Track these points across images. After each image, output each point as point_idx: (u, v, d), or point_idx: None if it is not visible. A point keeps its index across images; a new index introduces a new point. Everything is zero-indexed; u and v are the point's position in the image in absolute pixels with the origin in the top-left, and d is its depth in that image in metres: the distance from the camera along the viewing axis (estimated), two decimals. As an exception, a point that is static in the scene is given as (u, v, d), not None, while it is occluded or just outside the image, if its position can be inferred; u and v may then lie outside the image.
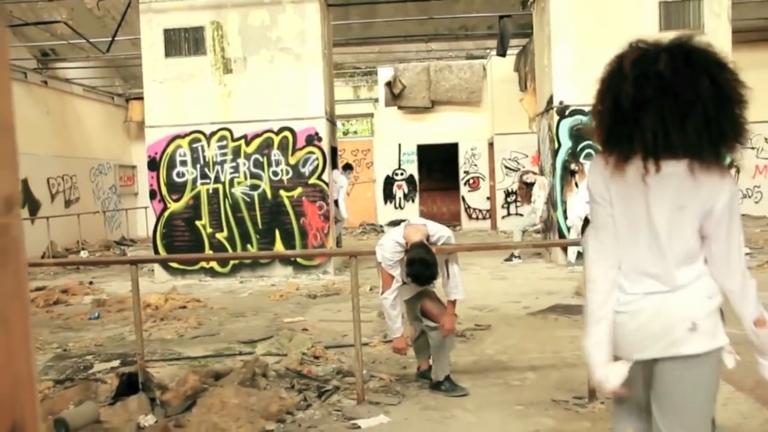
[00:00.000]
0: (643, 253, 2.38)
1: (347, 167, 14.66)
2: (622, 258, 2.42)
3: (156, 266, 11.68)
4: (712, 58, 2.26)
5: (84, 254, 15.31)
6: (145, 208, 17.65)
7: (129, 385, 4.64)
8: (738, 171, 16.70)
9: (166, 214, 11.61)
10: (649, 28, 11.13)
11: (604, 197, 2.40)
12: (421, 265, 4.53)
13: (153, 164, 11.64)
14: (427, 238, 4.76)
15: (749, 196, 18.47)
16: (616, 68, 2.31)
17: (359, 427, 4.33)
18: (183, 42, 11.50)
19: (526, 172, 12.68)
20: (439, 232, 4.86)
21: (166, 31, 11.51)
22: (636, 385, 2.44)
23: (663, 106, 2.23)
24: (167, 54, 11.53)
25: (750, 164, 18.32)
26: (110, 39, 13.59)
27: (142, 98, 14.40)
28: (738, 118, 2.25)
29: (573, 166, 11.24)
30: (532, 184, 12.23)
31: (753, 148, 18.47)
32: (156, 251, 11.60)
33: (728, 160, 2.32)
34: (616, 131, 2.33)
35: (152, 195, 11.72)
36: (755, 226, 15.73)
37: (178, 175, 11.60)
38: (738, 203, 2.31)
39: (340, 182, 13.06)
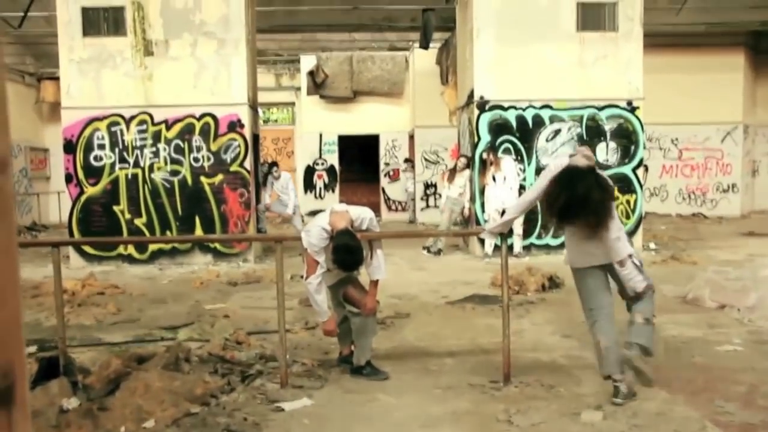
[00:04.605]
0: None
1: (273, 165, 13.43)
2: None
3: (71, 252, 11.33)
4: (575, 170, 4.36)
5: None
6: (59, 192, 17.08)
7: (48, 370, 4.55)
8: (646, 170, 17.32)
9: (83, 198, 11.27)
10: (567, 28, 11.54)
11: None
12: (346, 251, 4.65)
13: (69, 147, 11.27)
14: (351, 223, 4.87)
15: (656, 195, 19.29)
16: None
17: (283, 409, 4.40)
18: (102, 21, 11.15)
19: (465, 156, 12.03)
20: (361, 215, 5.00)
21: (84, 10, 11.14)
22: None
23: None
24: (85, 33, 11.17)
25: (657, 164, 19.15)
26: (22, 14, 13.09)
27: (55, 78, 13.94)
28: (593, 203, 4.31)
29: (484, 155, 11.41)
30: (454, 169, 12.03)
31: (660, 149, 19.30)
32: (72, 236, 11.24)
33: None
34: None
35: (68, 179, 11.34)
36: (661, 224, 16.43)
37: (95, 158, 11.27)
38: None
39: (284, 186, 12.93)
